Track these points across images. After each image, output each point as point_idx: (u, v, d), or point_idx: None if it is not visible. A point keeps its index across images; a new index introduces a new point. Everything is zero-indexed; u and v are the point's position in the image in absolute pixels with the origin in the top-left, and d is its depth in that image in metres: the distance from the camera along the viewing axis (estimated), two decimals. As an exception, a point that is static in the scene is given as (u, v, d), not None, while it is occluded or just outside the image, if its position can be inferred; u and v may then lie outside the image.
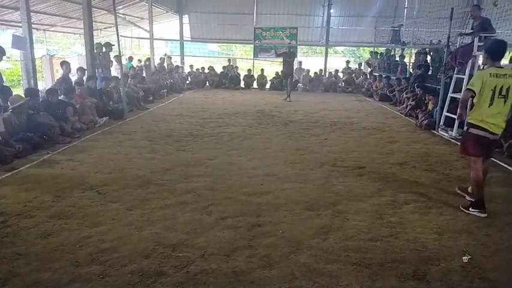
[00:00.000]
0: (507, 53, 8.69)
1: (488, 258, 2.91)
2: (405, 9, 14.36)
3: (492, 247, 3.07)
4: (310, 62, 17.98)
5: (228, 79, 15.94)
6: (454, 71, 7.49)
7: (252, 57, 17.74)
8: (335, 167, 5.12)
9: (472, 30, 7.54)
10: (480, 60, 7.82)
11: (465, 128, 3.91)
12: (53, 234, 3.11)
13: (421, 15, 12.45)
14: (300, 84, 16.04)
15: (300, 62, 17.43)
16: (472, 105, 3.74)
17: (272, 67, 19.27)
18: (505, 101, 3.53)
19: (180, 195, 3.98)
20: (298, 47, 18.09)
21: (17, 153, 5.09)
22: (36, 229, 3.19)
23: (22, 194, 3.93)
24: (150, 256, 2.82)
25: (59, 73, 10.51)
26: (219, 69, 16.83)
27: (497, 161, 5.49)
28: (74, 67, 9.04)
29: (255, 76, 16.49)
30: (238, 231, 3.22)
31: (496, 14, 7.99)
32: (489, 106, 3.56)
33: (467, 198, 4.00)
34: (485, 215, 3.64)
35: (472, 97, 3.63)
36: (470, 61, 6.98)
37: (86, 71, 8.74)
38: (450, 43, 7.75)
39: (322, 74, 16.71)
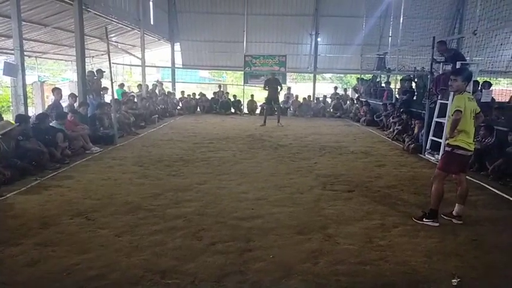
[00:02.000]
0: (481, 78, 9.07)
1: (478, 281, 2.95)
2: (389, 38, 14.87)
3: (481, 269, 3.11)
4: (299, 88, 18.33)
5: (218, 105, 16.13)
6: (438, 97, 7.73)
7: (243, 84, 18.03)
8: (325, 191, 5.17)
9: (444, 60, 7.84)
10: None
11: (446, 148, 4.12)
12: (40, 262, 3.06)
13: (404, 44, 12.93)
14: (290, 110, 16.29)
15: (289, 88, 17.75)
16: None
17: (262, 93, 19.57)
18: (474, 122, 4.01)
19: (170, 221, 3.96)
20: (287, 73, 18.47)
21: (4, 180, 5.03)
22: (23, 257, 3.13)
23: (9, 221, 3.87)
24: (139, 283, 2.78)
25: (49, 99, 10.54)
26: (210, 95, 17.05)
27: (483, 184, 5.61)
28: (65, 93, 9.06)
29: (245, 102, 16.72)
30: (228, 257, 3.21)
31: (475, 43, 8.37)
32: (471, 127, 3.94)
33: (455, 221, 4.08)
34: (438, 224, 3.95)
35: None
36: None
37: (77, 97, 8.78)
38: (433, 70, 8.04)
39: (311, 99, 17.03)
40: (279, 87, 12.52)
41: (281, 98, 14.88)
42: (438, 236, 3.74)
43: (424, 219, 4.02)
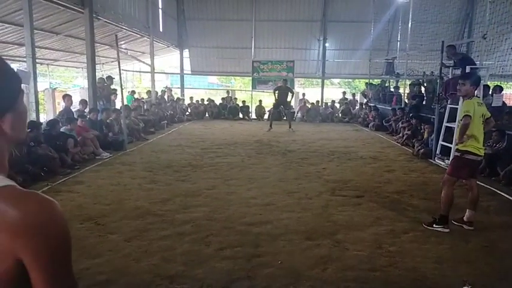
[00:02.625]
0: (492, 82, 8.99)
1: (489, 287, 2.90)
2: (398, 42, 14.82)
3: (493, 276, 3.06)
4: (308, 93, 18.32)
5: (227, 110, 16.20)
6: (447, 101, 7.67)
7: (251, 89, 18.11)
8: (333, 196, 5.14)
9: (453, 64, 7.79)
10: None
11: (456, 153, 4.11)
12: (51, 266, 3.09)
13: (413, 48, 12.86)
14: (298, 115, 16.29)
15: (304, 94, 17.72)
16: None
17: (270, 98, 19.59)
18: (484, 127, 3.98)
19: (178, 226, 3.97)
20: (296, 79, 18.50)
21: (16, 185, 5.11)
22: (34, 261, 3.16)
23: (20, 226, 3.92)
24: (148, 288, 2.80)
25: (60, 106, 10.70)
26: (218, 101, 17.15)
27: (494, 190, 5.53)
28: (75, 100, 9.22)
29: (253, 107, 16.79)
30: (237, 262, 3.21)
31: (485, 47, 8.29)
32: (480, 133, 3.90)
33: (465, 227, 4.02)
34: (448, 230, 3.89)
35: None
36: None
37: (87, 104, 8.90)
38: (442, 74, 7.98)
39: (319, 104, 17.00)
40: (290, 94, 12.58)
41: (294, 103, 14.91)
42: (449, 242, 3.69)
43: (434, 225, 3.97)
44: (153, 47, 14.12)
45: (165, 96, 15.91)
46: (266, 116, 16.21)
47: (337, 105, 17.13)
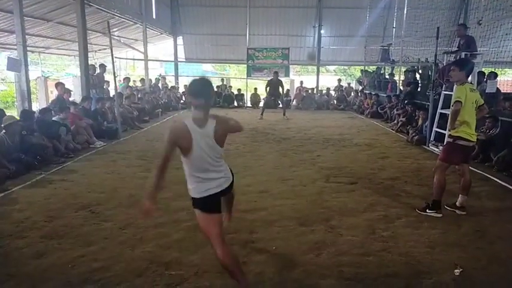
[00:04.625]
0: (486, 68, 9.01)
1: (480, 271, 2.94)
2: (393, 29, 14.71)
3: (483, 260, 3.11)
4: (303, 80, 18.21)
5: (222, 98, 16.12)
6: (442, 88, 7.67)
7: (246, 77, 17.99)
8: (328, 183, 5.16)
9: (457, 48, 7.78)
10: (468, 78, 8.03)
11: (448, 139, 4.15)
12: (45, 254, 3.10)
13: (409, 35, 12.79)
14: (294, 103, 16.26)
15: (301, 82, 17.59)
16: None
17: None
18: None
19: (173, 213, 3.98)
20: (291, 66, 18.39)
21: (9, 174, 5.08)
22: (28, 249, 3.17)
23: (14, 215, 3.91)
24: (143, 275, 2.81)
25: (53, 94, 10.57)
26: (213, 89, 17.02)
27: (487, 175, 5.58)
28: (68, 88, 9.09)
29: (248, 95, 16.71)
30: (232, 248, 3.21)
31: (480, 33, 8.26)
32: (472, 119, 3.91)
33: (458, 212, 4.07)
34: (441, 215, 3.94)
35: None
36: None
37: (71, 92, 8.78)
38: (437, 61, 7.96)
39: (315, 92, 16.96)
40: (281, 88, 12.56)
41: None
42: (441, 227, 3.73)
43: (427, 210, 4.02)
44: (146, 34, 13.92)
45: (159, 84, 15.78)
46: (261, 104, 16.16)
47: (332, 92, 17.09)
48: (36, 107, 10.08)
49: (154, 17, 15.25)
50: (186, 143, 2.36)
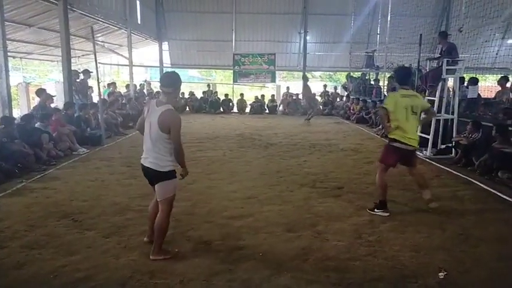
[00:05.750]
0: (467, 74, 9.24)
1: (464, 274, 2.98)
2: (378, 36, 14.99)
3: (467, 263, 3.15)
4: (290, 86, 18.33)
5: (208, 104, 16.07)
6: (425, 94, 7.80)
7: (232, 82, 18.01)
8: (314, 188, 5.18)
9: (439, 55, 7.94)
10: (450, 83, 8.21)
11: (386, 142, 4.39)
12: (26, 264, 3.01)
13: (393, 41, 13.02)
14: (280, 108, 16.32)
15: (288, 88, 17.71)
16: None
17: (252, 91, 19.58)
18: (418, 118, 4.19)
19: (159, 221, 3.91)
20: (277, 72, 18.49)
21: (-12, 183, 4.94)
22: (9, 260, 3.08)
23: (-7, 225, 3.79)
24: (127, 284, 2.76)
25: (35, 101, 10.35)
26: (199, 94, 16.97)
27: (470, 179, 5.68)
28: (50, 93, 8.91)
29: (235, 101, 16.71)
30: (218, 256, 3.19)
31: (461, 40, 8.46)
32: (406, 123, 4.06)
33: (432, 205, 4.23)
34: (388, 214, 4.14)
35: (388, 116, 4.11)
36: (440, 84, 7.31)
37: (53, 98, 8.62)
38: (420, 67, 8.11)
39: (300, 97, 17.05)
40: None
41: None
42: (426, 230, 3.77)
43: (375, 210, 4.20)
44: (130, 40, 13.80)
45: (144, 90, 15.64)
46: (248, 110, 16.17)
47: (318, 98, 17.22)
48: (17, 113, 9.86)
49: (139, 22, 15.14)
50: (146, 113, 3.09)
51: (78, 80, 9.70)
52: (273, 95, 16.90)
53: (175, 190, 3.13)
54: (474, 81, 8.36)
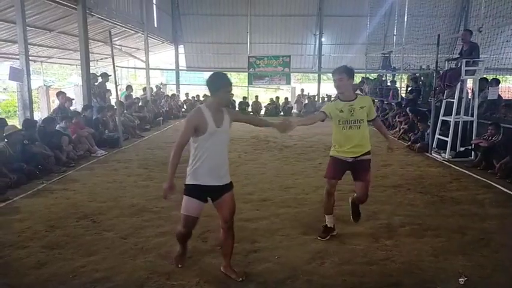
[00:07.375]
0: (487, 75, 9.01)
1: (485, 280, 2.91)
2: (394, 37, 14.79)
3: (488, 268, 3.07)
4: (305, 88, 18.28)
5: (223, 106, 16.14)
6: (444, 95, 7.66)
7: (247, 85, 18.06)
8: (330, 191, 5.12)
9: (459, 55, 7.78)
10: (469, 84, 8.04)
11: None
12: (46, 264, 3.07)
13: (409, 42, 12.84)
14: (294, 110, 16.29)
15: (302, 90, 17.68)
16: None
17: (267, 94, 19.58)
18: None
19: (175, 223, 3.91)
20: (292, 74, 18.46)
21: (11, 184, 5.07)
22: (29, 259, 3.15)
23: (15, 225, 3.89)
24: (144, 285, 2.79)
25: (55, 103, 10.60)
26: (214, 97, 17.06)
27: (490, 182, 5.55)
28: (69, 96, 9.12)
29: (250, 103, 16.76)
30: (233, 258, 3.18)
31: (481, 40, 8.28)
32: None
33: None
34: (336, 232, 3.63)
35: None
36: (458, 84, 7.17)
37: (72, 100, 8.81)
38: (438, 68, 7.97)
39: (315, 99, 17.00)
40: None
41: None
42: (445, 235, 3.69)
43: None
44: (147, 43, 14.02)
45: (161, 91, 15.86)
46: (263, 112, 16.18)
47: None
48: (38, 116, 10.11)
49: (155, 25, 15.36)
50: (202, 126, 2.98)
51: (96, 83, 9.90)
52: (286, 98, 16.86)
53: (187, 211, 3.00)
54: (495, 82, 8.17)
